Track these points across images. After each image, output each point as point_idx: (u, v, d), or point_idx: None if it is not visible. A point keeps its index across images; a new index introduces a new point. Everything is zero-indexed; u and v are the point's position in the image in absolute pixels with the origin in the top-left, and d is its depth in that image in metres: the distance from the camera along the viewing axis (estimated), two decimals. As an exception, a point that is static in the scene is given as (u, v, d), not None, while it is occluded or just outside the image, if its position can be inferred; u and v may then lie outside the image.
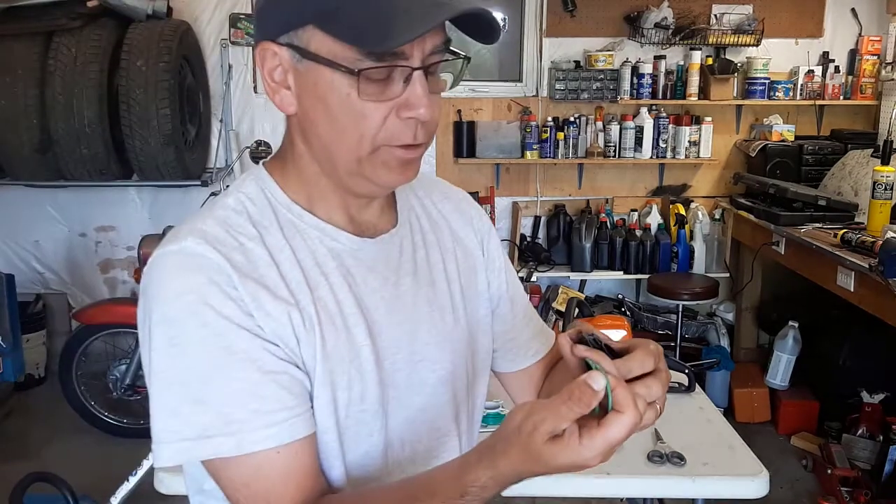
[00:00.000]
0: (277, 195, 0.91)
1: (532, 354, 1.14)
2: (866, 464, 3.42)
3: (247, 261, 0.84)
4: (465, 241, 1.06)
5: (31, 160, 3.79)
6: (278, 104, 0.87)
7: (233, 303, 0.80)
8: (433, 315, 0.97)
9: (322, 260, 0.89)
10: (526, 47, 4.49)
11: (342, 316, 0.87)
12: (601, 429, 0.69)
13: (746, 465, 1.77)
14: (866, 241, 3.09)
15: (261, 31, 0.86)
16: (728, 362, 4.11)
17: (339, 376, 0.86)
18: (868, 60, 4.43)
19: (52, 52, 3.64)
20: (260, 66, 0.86)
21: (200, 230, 0.85)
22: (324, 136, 0.85)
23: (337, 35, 0.79)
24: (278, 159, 0.94)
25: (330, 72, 0.80)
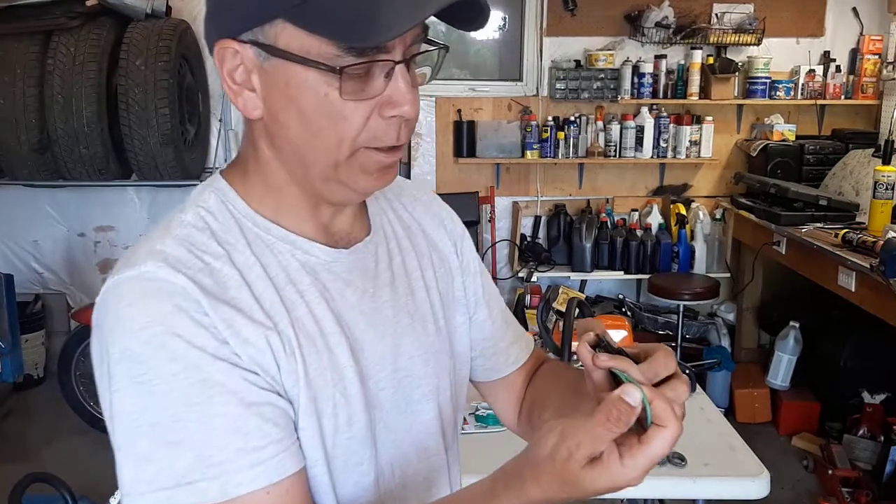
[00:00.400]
0: (241, 207, 0.82)
1: (512, 362, 1.07)
2: (867, 464, 3.42)
3: (215, 283, 0.75)
4: (440, 244, 1.00)
5: (29, 160, 3.78)
6: (241, 108, 0.79)
7: (205, 331, 0.72)
8: (415, 326, 0.90)
9: (296, 276, 0.81)
10: (526, 46, 4.48)
11: (322, 336, 0.80)
12: (643, 446, 0.64)
13: (747, 465, 1.77)
14: (867, 241, 3.08)
15: (218, 27, 0.77)
16: (729, 363, 4.10)
17: (323, 403, 0.79)
18: (869, 60, 4.43)
19: (50, 52, 3.63)
20: (219, 67, 0.78)
21: (160, 252, 0.75)
22: (296, 140, 0.77)
23: (312, 29, 0.72)
24: (238, 167, 0.85)
25: (304, 70, 0.73)
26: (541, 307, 2.23)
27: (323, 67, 0.72)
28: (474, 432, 1.92)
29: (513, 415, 1.08)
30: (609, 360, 0.70)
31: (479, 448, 1.85)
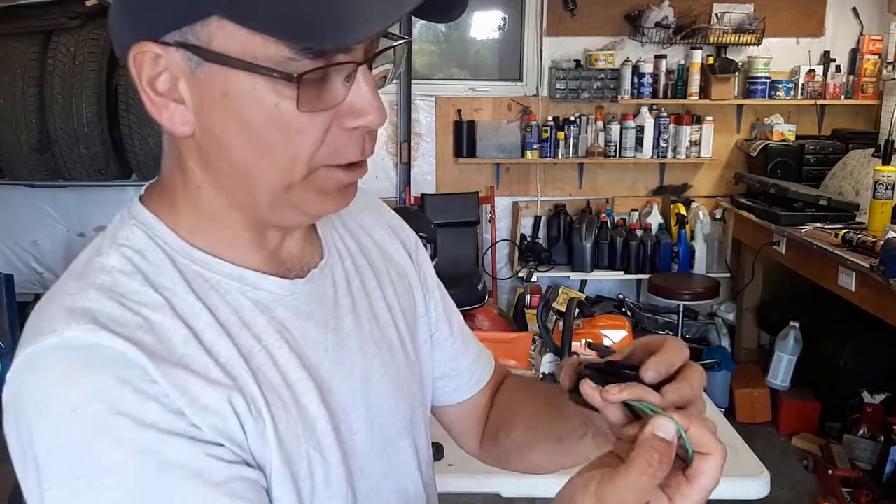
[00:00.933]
0: (172, 241, 0.69)
1: (476, 381, 0.97)
2: (867, 464, 3.42)
3: (159, 341, 0.62)
4: (396, 257, 0.89)
5: (29, 159, 3.78)
6: (166, 124, 0.65)
7: (155, 403, 0.59)
8: (382, 356, 0.80)
9: (249, 318, 0.69)
10: (526, 46, 4.48)
11: (288, 386, 0.69)
12: (693, 482, 0.56)
13: (747, 465, 1.77)
14: (867, 241, 3.08)
15: (133, 27, 0.63)
16: (729, 363, 4.10)
17: (297, 463, 0.68)
18: (869, 60, 4.42)
19: (50, 52, 3.63)
20: (135, 75, 0.63)
21: (84, 310, 0.62)
22: (239, 160, 0.65)
23: (257, 27, 0.59)
24: (163, 194, 0.71)
25: (248, 76, 0.60)
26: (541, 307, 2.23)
27: (276, 75, 0.60)
28: (474, 432, 1.91)
29: (474, 439, 0.99)
30: (621, 392, 0.61)
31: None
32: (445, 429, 1.01)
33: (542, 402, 0.91)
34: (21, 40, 3.66)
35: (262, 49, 0.59)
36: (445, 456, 1.79)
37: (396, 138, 4.46)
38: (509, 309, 4.48)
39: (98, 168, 3.82)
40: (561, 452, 0.87)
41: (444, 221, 4.15)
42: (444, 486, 1.78)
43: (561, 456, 0.88)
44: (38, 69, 3.64)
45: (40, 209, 4.38)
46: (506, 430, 0.95)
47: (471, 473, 1.76)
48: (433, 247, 3.86)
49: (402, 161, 4.47)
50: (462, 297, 3.86)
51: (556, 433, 0.87)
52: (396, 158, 4.49)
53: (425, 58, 4.63)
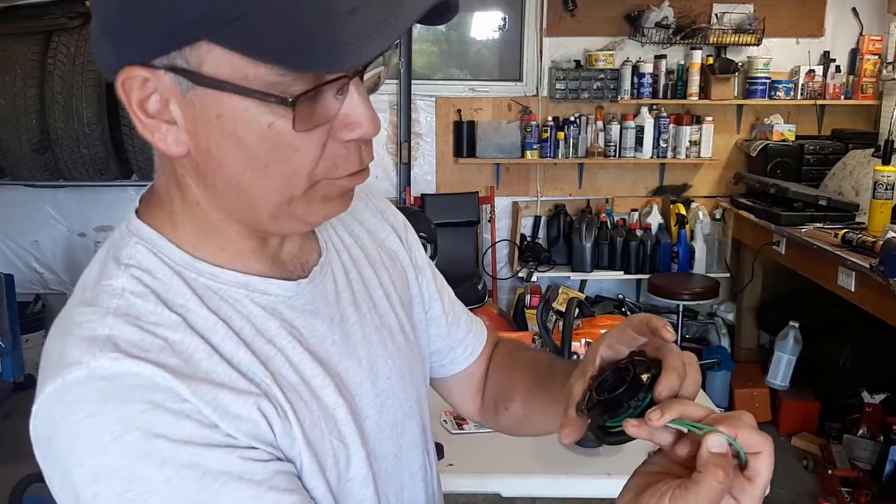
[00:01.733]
0: (177, 256, 0.69)
1: (470, 353, 1.02)
2: (867, 464, 3.42)
3: (182, 360, 0.64)
4: (387, 241, 0.92)
5: (30, 160, 3.78)
6: (160, 145, 0.65)
7: (188, 421, 0.61)
8: (385, 342, 0.83)
9: (261, 324, 0.71)
10: (526, 47, 4.48)
11: (306, 384, 0.72)
12: (754, 481, 0.60)
13: (747, 465, 1.77)
14: (867, 241, 3.08)
15: (120, 51, 0.62)
16: (728, 362, 4.10)
17: (324, 456, 0.71)
18: (869, 60, 4.43)
19: (51, 52, 3.64)
20: (125, 99, 0.63)
21: (106, 338, 0.62)
22: (237, 178, 0.65)
23: (248, 53, 0.58)
24: (160, 209, 0.71)
25: (241, 99, 0.60)
26: (541, 307, 2.23)
27: (271, 99, 0.60)
28: (474, 432, 1.92)
29: (474, 405, 1.05)
30: (663, 417, 0.63)
31: (479, 448, 1.85)
32: (444, 398, 1.06)
33: (529, 381, 0.96)
34: (21, 40, 3.66)
35: (253, 70, 0.59)
36: (445, 456, 1.80)
37: (396, 138, 4.46)
38: (509, 309, 4.48)
39: (98, 168, 3.83)
40: None
41: (444, 221, 4.16)
42: (444, 486, 1.78)
43: None
44: (38, 69, 3.64)
45: (41, 209, 4.38)
46: (504, 405, 1.00)
47: (471, 473, 1.76)
48: (433, 247, 3.86)
49: (402, 161, 4.47)
50: (462, 297, 3.79)
51: (553, 409, 0.90)
52: (396, 158, 4.49)
53: (425, 58, 4.63)
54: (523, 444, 1.86)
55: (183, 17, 0.58)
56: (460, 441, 1.86)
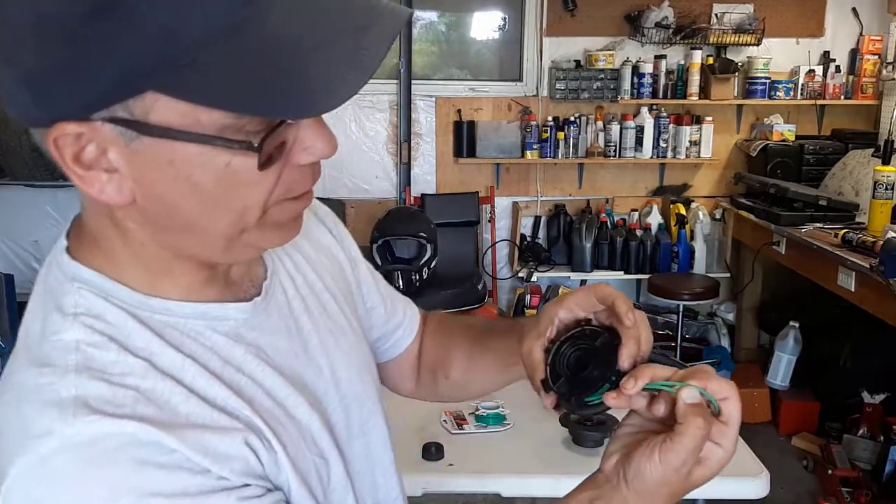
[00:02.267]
0: (127, 297, 0.65)
1: (409, 334, 1.03)
2: (867, 464, 3.42)
3: (159, 408, 0.60)
4: (322, 239, 0.90)
5: (30, 160, 3.78)
6: (98, 196, 0.59)
7: (179, 472, 0.58)
8: (340, 343, 0.82)
9: (227, 353, 0.68)
10: (526, 47, 4.48)
11: (280, 407, 0.70)
12: (729, 423, 0.68)
13: (747, 465, 1.77)
14: (867, 241, 3.08)
15: (46, 107, 0.56)
16: (728, 362, 4.11)
17: (310, 476, 0.71)
18: (869, 60, 4.43)
19: (51, 52, 3.64)
20: (58, 157, 0.58)
21: (73, 399, 0.57)
22: (189, 218, 0.61)
23: (202, 101, 0.54)
24: (95, 247, 0.66)
25: (194, 145, 0.56)
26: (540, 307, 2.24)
27: (235, 147, 0.56)
28: (474, 432, 1.92)
29: (411, 383, 1.06)
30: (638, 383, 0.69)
31: (479, 448, 1.85)
32: (386, 384, 1.06)
33: (469, 344, 1.00)
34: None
35: (206, 114, 0.55)
36: (445, 456, 1.80)
37: (396, 138, 4.47)
38: (509, 309, 4.49)
39: (98, 168, 3.83)
40: (506, 379, 0.97)
41: (444, 221, 4.16)
42: (444, 486, 1.79)
43: (506, 380, 0.98)
44: (38, 69, 3.64)
45: (41, 209, 4.38)
46: (443, 372, 1.02)
47: (471, 473, 1.77)
48: (433, 247, 3.87)
49: (402, 161, 4.47)
50: (462, 297, 3.87)
51: (495, 367, 0.97)
52: (396, 158, 4.49)
53: (425, 58, 4.63)
54: (523, 444, 1.86)
55: (128, 68, 0.52)
56: (460, 441, 1.86)
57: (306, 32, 0.54)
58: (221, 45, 0.52)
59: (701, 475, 0.68)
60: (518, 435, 1.89)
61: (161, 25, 0.51)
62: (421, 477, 1.73)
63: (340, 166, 4.44)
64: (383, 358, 1.02)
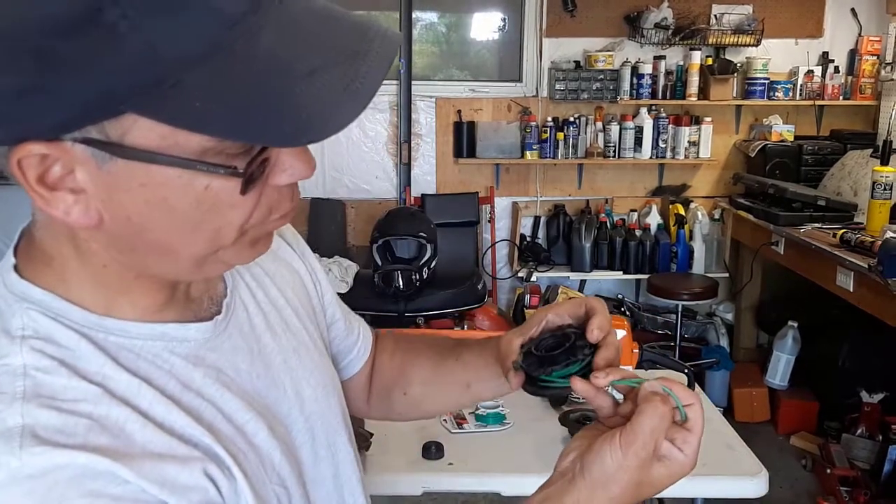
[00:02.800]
0: (79, 317, 0.61)
1: (363, 353, 0.99)
2: (865, 463, 3.42)
3: (114, 436, 0.56)
4: (280, 252, 0.86)
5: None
6: (65, 218, 0.56)
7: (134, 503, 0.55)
8: (303, 361, 0.79)
9: (185, 376, 0.65)
10: (526, 47, 4.49)
11: (241, 433, 0.67)
12: (692, 430, 0.69)
13: (746, 464, 1.78)
14: (865, 241, 3.09)
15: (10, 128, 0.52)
16: (727, 362, 4.11)
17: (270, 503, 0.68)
18: (868, 60, 4.44)
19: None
20: (20, 178, 0.55)
21: (20, 429, 0.53)
22: (159, 240, 0.58)
23: (186, 125, 0.51)
24: (47, 265, 0.62)
25: (172, 168, 0.53)
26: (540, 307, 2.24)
27: (222, 171, 0.54)
28: (474, 432, 1.92)
29: (362, 401, 1.03)
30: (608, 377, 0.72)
31: (479, 448, 1.86)
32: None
33: (434, 358, 0.98)
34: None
35: (185, 136, 0.52)
36: (445, 455, 1.80)
37: (396, 139, 4.47)
38: (509, 309, 4.49)
39: (99, 169, 3.83)
40: (469, 396, 0.96)
41: (444, 222, 4.17)
42: (444, 485, 1.80)
43: (467, 398, 0.97)
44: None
45: (41, 209, 4.38)
46: (401, 389, 1.00)
47: (471, 472, 1.77)
48: (433, 247, 3.87)
49: (402, 161, 4.48)
50: (462, 297, 3.87)
51: (461, 381, 0.95)
52: (396, 159, 4.50)
53: (425, 58, 4.64)
54: (523, 443, 1.86)
55: (106, 89, 0.49)
56: (460, 441, 1.87)
57: (298, 58, 0.52)
58: (207, 68, 0.49)
59: (659, 474, 0.68)
60: (518, 434, 1.89)
61: (143, 46, 0.48)
62: (421, 476, 1.74)
63: (340, 166, 4.45)
64: (344, 376, 0.98)
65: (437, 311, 3.79)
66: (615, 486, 0.67)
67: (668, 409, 0.68)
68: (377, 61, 0.54)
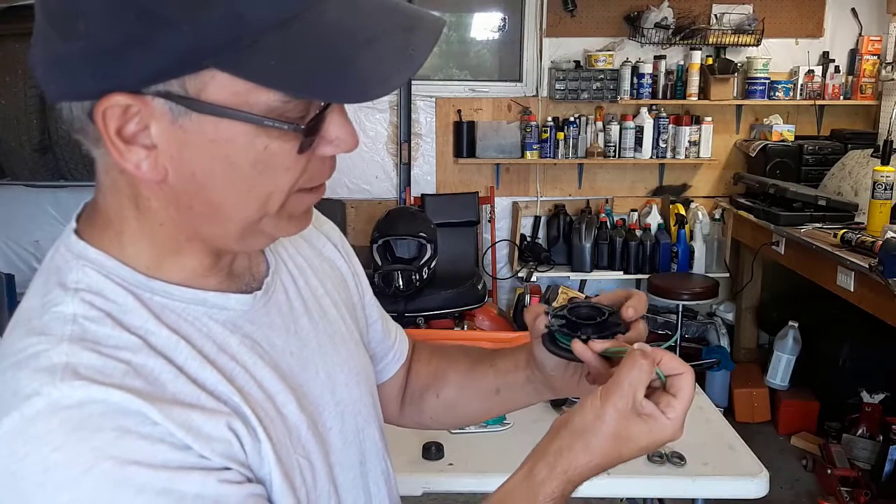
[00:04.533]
0: (129, 276, 0.66)
1: (399, 357, 1.02)
2: (866, 464, 3.43)
3: (148, 383, 0.61)
4: (324, 250, 0.90)
5: (31, 160, 3.79)
6: (133, 170, 0.61)
7: (161, 444, 0.59)
8: (338, 349, 0.82)
9: (222, 340, 0.69)
10: (526, 47, 4.49)
11: (270, 400, 0.70)
12: (677, 395, 0.71)
13: (746, 465, 1.78)
14: (866, 241, 3.09)
15: (101, 79, 0.57)
16: (728, 362, 4.11)
17: (293, 474, 0.70)
18: (868, 60, 4.43)
19: (52, 52, 3.64)
20: (102, 127, 0.59)
21: (64, 365, 0.59)
22: (215, 200, 0.63)
23: (260, 80, 0.57)
24: (106, 228, 0.67)
25: (240, 124, 0.59)
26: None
27: (286, 127, 0.60)
28: (474, 432, 1.92)
29: (395, 407, 1.05)
30: (605, 343, 0.77)
31: (479, 448, 1.86)
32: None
33: (469, 363, 1.01)
34: (23, 41, 3.66)
35: (255, 95, 0.58)
36: (445, 455, 1.80)
37: (396, 139, 4.47)
38: (509, 309, 4.49)
39: (99, 168, 3.83)
40: (498, 402, 0.99)
41: (444, 221, 4.17)
42: (444, 485, 1.80)
43: (497, 405, 1.00)
44: (39, 70, 3.64)
45: (42, 209, 4.39)
46: (434, 392, 1.03)
47: (471, 473, 1.77)
48: (433, 247, 3.87)
49: (402, 161, 4.48)
50: (462, 297, 3.87)
51: (492, 387, 0.98)
52: (396, 159, 4.50)
53: (425, 58, 4.64)
54: (523, 443, 1.86)
55: (194, 44, 0.55)
56: (460, 441, 1.87)
57: (360, 27, 0.59)
58: (282, 31, 0.56)
59: (639, 431, 0.70)
60: (518, 434, 1.89)
61: (230, 10, 0.55)
62: (421, 477, 1.74)
63: (340, 166, 4.34)
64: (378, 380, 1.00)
65: (437, 311, 3.79)
66: (593, 436, 0.70)
67: (649, 363, 0.70)
68: (427, 35, 0.61)
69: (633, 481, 1.72)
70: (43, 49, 0.60)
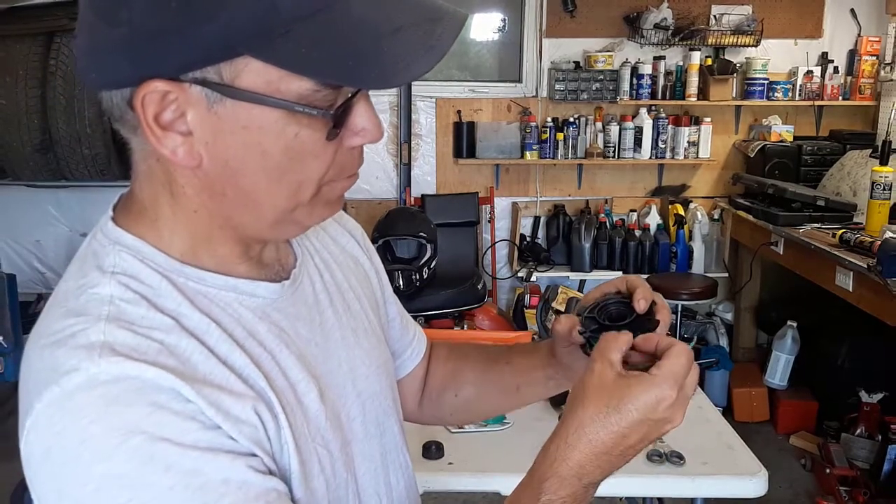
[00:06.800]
0: (163, 262, 0.68)
1: (417, 355, 1.04)
2: (865, 463, 3.43)
3: (180, 362, 0.63)
4: (348, 246, 0.93)
5: (32, 160, 3.80)
6: (169, 156, 0.64)
7: (193, 422, 0.61)
8: (360, 342, 0.84)
9: (251, 326, 0.71)
10: (525, 48, 4.50)
11: (292, 388, 0.71)
12: (668, 357, 0.73)
13: (745, 464, 1.78)
14: (865, 241, 3.10)
15: (141, 66, 0.60)
16: (727, 362, 4.12)
17: (311, 463, 0.71)
18: (867, 61, 4.44)
19: (53, 53, 3.65)
20: (140, 114, 0.62)
21: (102, 343, 0.61)
22: (250, 187, 0.66)
23: (292, 67, 0.60)
24: (142, 216, 0.70)
25: (272, 110, 0.61)
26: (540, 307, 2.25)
27: (316, 113, 0.62)
28: (474, 431, 1.93)
29: (412, 404, 1.07)
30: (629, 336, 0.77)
31: (479, 447, 1.87)
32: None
33: (486, 361, 1.04)
34: (23, 42, 3.67)
35: (287, 83, 0.60)
36: (445, 454, 1.81)
37: (396, 139, 4.48)
38: (509, 309, 4.50)
39: (100, 169, 3.84)
40: (518, 399, 1.02)
41: (444, 222, 4.17)
42: (444, 484, 1.80)
43: (517, 401, 1.03)
44: (40, 70, 3.65)
45: (43, 209, 4.39)
46: (452, 391, 1.05)
47: (471, 472, 1.78)
48: (433, 247, 3.88)
49: (402, 162, 4.48)
50: (462, 297, 3.88)
51: (511, 384, 1.01)
52: (396, 159, 4.51)
53: (425, 59, 4.64)
54: (523, 443, 1.87)
55: (230, 32, 0.58)
56: (460, 440, 1.88)
57: (386, 18, 0.61)
58: (313, 21, 0.58)
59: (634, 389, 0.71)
60: (518, 434, 1.90)
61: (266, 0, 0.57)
62: (421, 476, 1.73)
63: None
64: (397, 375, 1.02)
65: (437, 311, 3.80)
66: (587, 396, 0.72)
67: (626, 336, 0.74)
68: (450, 26, 0.63)
69: (633, 481, 1.72)
70: (86, 38, 0.63)
